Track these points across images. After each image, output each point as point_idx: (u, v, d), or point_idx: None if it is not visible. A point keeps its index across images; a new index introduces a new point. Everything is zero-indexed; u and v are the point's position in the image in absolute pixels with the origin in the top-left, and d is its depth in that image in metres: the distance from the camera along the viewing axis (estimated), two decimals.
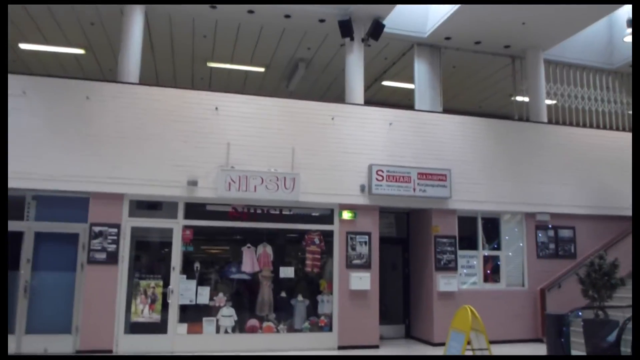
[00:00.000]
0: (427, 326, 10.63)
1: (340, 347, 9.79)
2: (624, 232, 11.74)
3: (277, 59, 13.56)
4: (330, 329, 9.91)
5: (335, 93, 14.48)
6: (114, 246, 9.00)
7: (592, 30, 13.05)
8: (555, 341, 8.30)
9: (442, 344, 7.40)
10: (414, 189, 10.36)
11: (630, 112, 14.15)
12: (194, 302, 9.38)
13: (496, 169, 11.21)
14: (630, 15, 12.46)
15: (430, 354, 9.48)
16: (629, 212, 12.03)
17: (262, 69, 14.19)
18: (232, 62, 13.76)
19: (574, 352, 8.27)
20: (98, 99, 9.27)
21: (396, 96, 15.01)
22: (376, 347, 9.96)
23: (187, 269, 9.50)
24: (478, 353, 6.03)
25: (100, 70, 13.93)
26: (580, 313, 9.47)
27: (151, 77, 14.11)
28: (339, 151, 10.26)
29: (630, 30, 12.47)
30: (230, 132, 9.77)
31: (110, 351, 8.74)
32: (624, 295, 9.67)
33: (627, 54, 13.49)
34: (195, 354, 8.97)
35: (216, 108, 9.77)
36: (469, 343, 5.80)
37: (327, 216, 10.27)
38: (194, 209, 9.69)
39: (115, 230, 9.06)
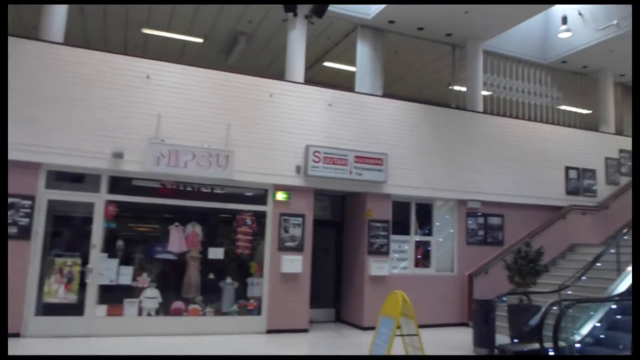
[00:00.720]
0: (358, 310, 10.60)
1: (269, 331, 9.57)
2: (549, 220, 12.19)
3: (217, 30, 13.00)
4: (259, 313, 9.66)
5: (276, 71, 14.08)
6: (27, 220, 8.29)
7: (529, 24, 13.31)
8: (481, 325, 8.44)
9: (372, 328, 7.34)
10: (350, 172, 10.23)
11: (561, 107, 14.66)
12: (115, 283, 8.85)
13: (432, 155, 11.28)
14: (565, 13, 12.86)
15: (359, 339, 9.44)
16: (555, 202, 12.53)
17: (200, 40, 13.56)
18: (168, 30, 13.06)
19: (498, 336, 8.45)
20: (14, 57, 8.44)
21: (337, 78, 14.80)
22: (305, 331, 9.82)
23: (109, 247, 8.94)
24: (407, 339, 5.98)
25: (23, 28, 12.82)
26: (505, 298, 9.71)
27: (80, 40, 13.16)
28: (276, 130, 9.95)
29: (565, 27, 12.85)
30: (161, 103, 9.22)
31: (18, 334, 8.08)
32: (547, 281, 10.01)
33: (560, 50, 13.91)
34: (115, 336, 8.48)
35: (147, 76, 9.19)
36: (398, 328, 5.72)
37: (260, 196, 9.97)
38: (119, 184, 9.11)
39: (30, 202, 8.35)
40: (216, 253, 9.63)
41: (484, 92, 13.11)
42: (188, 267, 9.42)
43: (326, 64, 14.38)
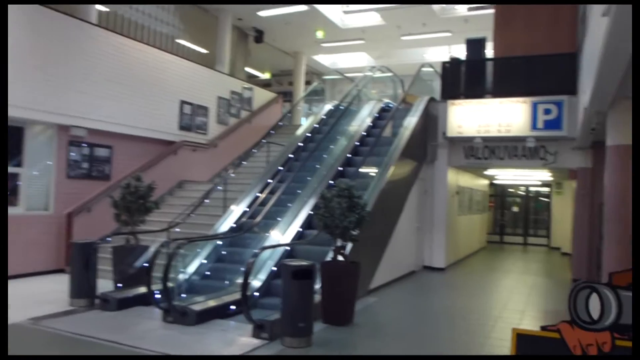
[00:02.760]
0: None
1: None
2: (161, 155, 11.61)
3: None
4: None
5: None
6: None
7: None
8: (80, 272, 7.17)
9: None
10: None
11: (181, 40, 14.15)
12: None
13: (28, 65, 8.93)
14: None
15: None
16: (168, 137, 12.02)
17: None
18: None
19: (100, 281, 7.37)
20: None
21: None
22: None
23: None
24: None
25: None
26: (109, 239, 8.66)
27: None
28: None
29: None
30: None
31: None
32: (156, 219, 9.41)
33: None
34: None
35: None
36: None
37: None
38: None
39: None
40: None
41: (100, 7, 11.33)
42: None
43: None
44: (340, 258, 6.80)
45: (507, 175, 16.43)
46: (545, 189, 19.77)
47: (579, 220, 10.89)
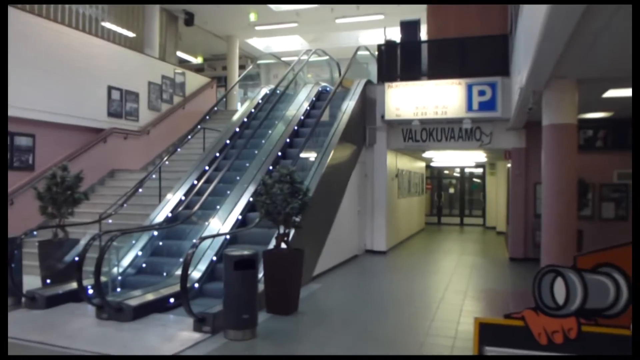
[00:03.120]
0: None
1: None
2: (90, 143, 10.98)
3: None
4: None
5: None
6: None
7: None
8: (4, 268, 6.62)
9: None
10: None
11: (106, 23, 13.37)
12: None
13: None
14: None
15: None
16: (96, 124, 11.38)
17: None
18: None
19: (29, 279, 6.86)
20: None
21: None
22: None
23: None
24: None
25: None
26: (35, 233, 8.06)
27: None
28: None
29: None
30: None
31: None
32: (87, 210, 8.88)
33: None
34: None
35: None
36: None
37: None
38: None
39: None
40: None
41: None
42: None
43: None
44: (283, 246, 6.62)
45: (443, 158, 16.76)
46: (479, 170, 20.37)
47: (515, 200, 11.22)
